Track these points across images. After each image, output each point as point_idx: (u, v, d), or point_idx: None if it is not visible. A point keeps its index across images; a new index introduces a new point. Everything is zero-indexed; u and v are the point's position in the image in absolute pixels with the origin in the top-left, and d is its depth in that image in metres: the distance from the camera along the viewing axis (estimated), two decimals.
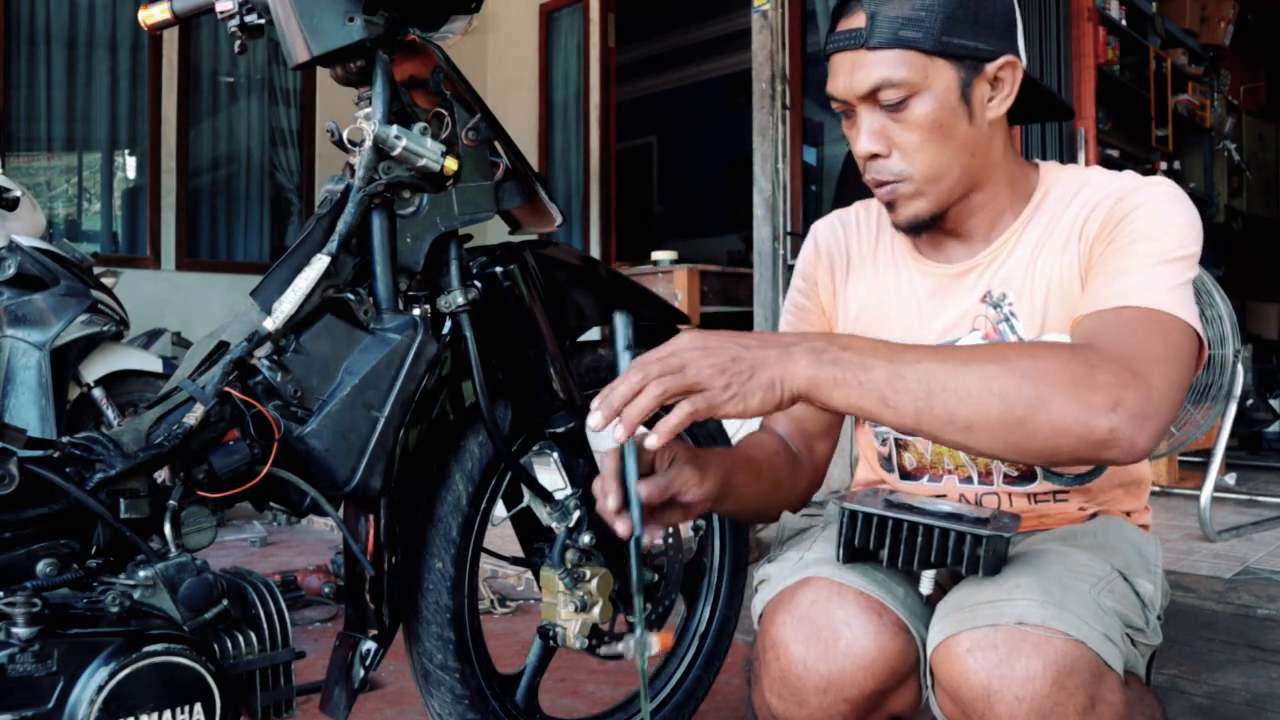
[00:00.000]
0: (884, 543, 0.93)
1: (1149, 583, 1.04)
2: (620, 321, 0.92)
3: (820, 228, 1.29)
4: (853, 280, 1.22)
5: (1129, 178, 1.07)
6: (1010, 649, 0.87)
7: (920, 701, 1.03)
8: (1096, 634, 0.89)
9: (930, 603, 0.99)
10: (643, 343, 0.93)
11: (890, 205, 1.10)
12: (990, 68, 1.04)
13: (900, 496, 0.97)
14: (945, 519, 0.91)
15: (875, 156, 1.06)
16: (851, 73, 1.04)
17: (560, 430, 1.27)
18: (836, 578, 0.98)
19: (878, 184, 1.09)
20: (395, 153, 1.09)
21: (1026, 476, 1.13)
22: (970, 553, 0.90)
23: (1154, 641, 1.03)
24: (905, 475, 1.19)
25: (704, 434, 1.53)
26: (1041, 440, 0.85)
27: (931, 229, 1.12)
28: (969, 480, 1.14)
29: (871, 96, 1.03)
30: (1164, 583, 1.11)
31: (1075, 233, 1.06)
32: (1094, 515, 1.15)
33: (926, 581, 0.98)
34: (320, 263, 1.05)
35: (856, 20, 1.03)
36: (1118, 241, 1.02)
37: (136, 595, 0.93)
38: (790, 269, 3.82)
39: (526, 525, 1.35)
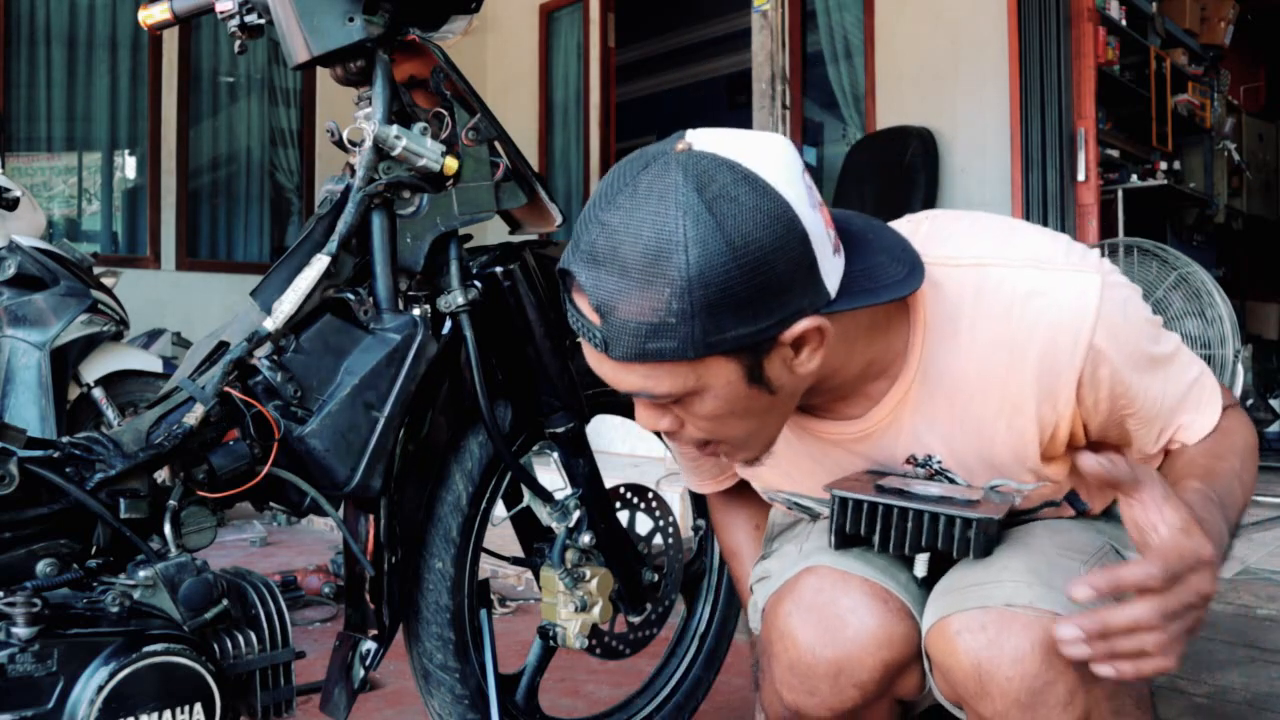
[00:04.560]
0: (875, 529, 0.93)
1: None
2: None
3: None
4: (782, 465, 1.07)
5: (1053, 301, 0.87)
6: (999, 630, 0.88)
7: (925, 685, 1.04)
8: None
9: (926, 584, 1.00)
10: None
11: (719, 456, 0.95)
12: (785, 337, 0.80)
13: (891, 481, 0.96)
14: (936, 503, 0.91)
15: (673, 434, 0.90)
16: (602, 370, 0.84)
17: (560, 430, 1.27)
18: (839, 566, 0.99)
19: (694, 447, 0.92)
20: (395, 153, 1.09)
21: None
22: (960, 536, 0.90)
23: None
24: None
25: None
26: None
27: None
28: None
29: (639, 395, 0.84)
30: None
31: (1027, 400, 0.90)
32: None
33: (920, 564, 0.98)
34: (320, 263, 1.05)
35: (585, 310, 0.80)
36: (1120, 413, 0.93)
37: (136, 595, 0.93)
38: None
39: (526, 525, 1.35)
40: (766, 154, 0.79)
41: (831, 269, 0.82)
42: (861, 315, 0.88)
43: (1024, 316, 0.88)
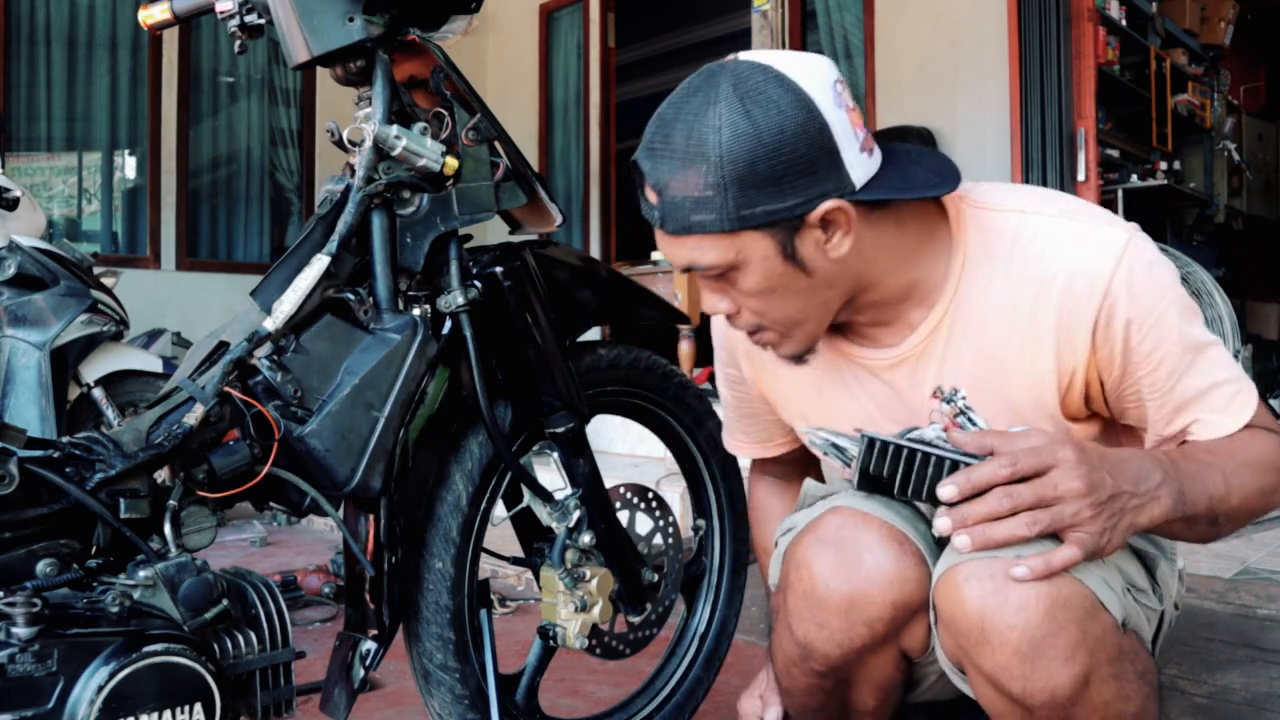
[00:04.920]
0: (898, 470, 0.95)
1: (1153, 548, 1.08)
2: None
3: (723, 323, 1.20)
4: (781, 372, 1.14)
5: (1081, 248, 0.95)
6: (1006, 578, 0.89)
7: (930, 643, 1.04)
8: (1094, 575, 0.93)
9: (943, 545, 1.01)
10: (645, 344, 0.93)
11: (765, 347, 1.04)
12: (812, 217, 0.90)
13: (921, 432, 0.98)
14: (959, 453, 0.93)
15: (730, 317, 1.01)
16: (662, 247, 0.98)
17: (560, 430, 1.27)
18: (862, 508, 1.02)
19: (746, 333, 1.04)
20: (395, 153, 1.09)
21: None
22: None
23: (1156, 605, 1.06)
24: None
25: (710, 444, 1.53)
26: (1224, 535, 0.98)
27: (834, 334, 1.07)
28: None
29: (690, 270, 0.97)
30: (1178, 586, 1.13)
31: (1047, 331, 0.97)
32: None
33: (940, 521, 0.97)
34: (320, 263, 1.05)
35: (648, 192, 0.95)
36: (1139, 370, 0.96)
37: (136, 595, 0.93)
38: None
39: (526, 525, 1.35)
40: (800, 62, 0.91)
41: (857, 163, 0.91)
42: (901, 230, 0.98)
43: (1054, 259, 0.96)
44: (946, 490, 0.88)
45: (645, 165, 0.94)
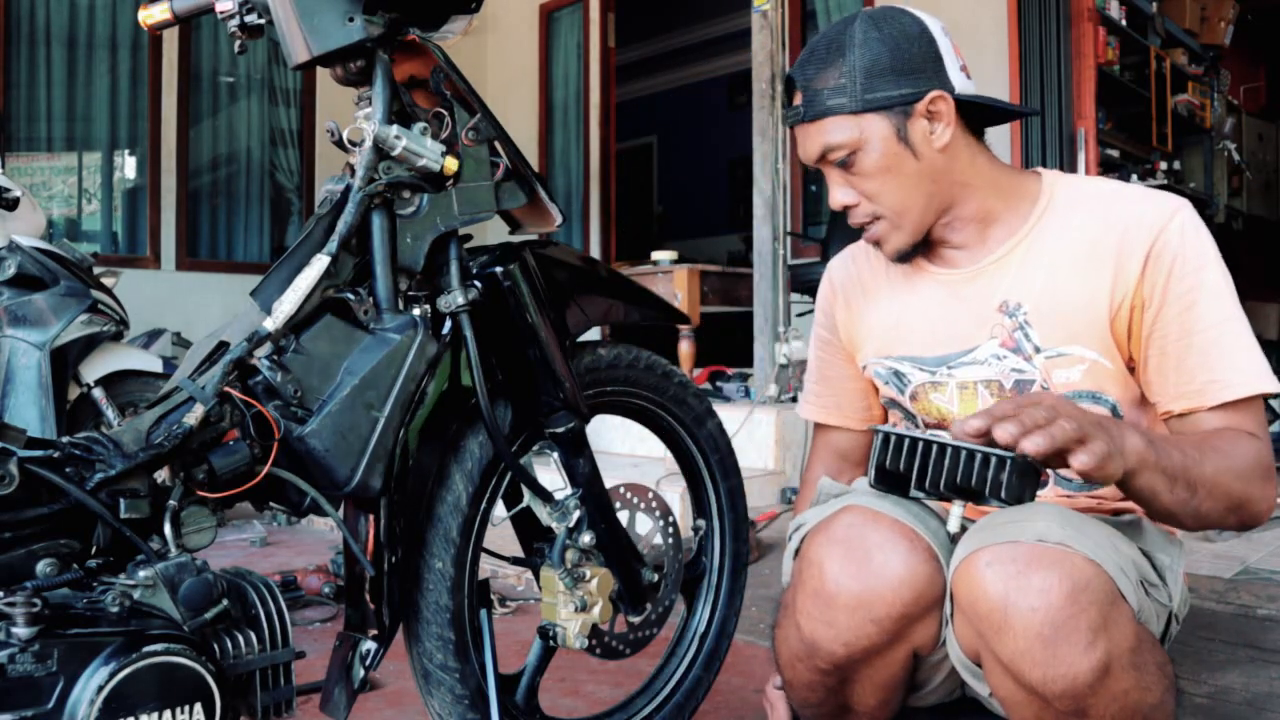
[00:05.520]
0: (913, 464, 0.95)
1: (1165, 555, 1.10)
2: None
3: (834, 265, 1.39)
4: (869, 305, 1.30)
5: (1148, 201, 1.12)
6: (1028, 563, 0.90)
7: (939, 640, 1.05)
8: (1112, 563, 0.94)
9: (957, 540, 1.02)
10: (645, 344, 0.93)
11: (876, 244, 1.22)
12: (920, 106, 1.12)
13: (938, 435, 0.99)
14: (976, 446, 0.94)
15: (848, 207, 1.19)
16: (803, 144, 1.18)
17: (560, 430, 1.27)
18: (874, 506, 1.04)
19: (860, 228, 1.21)
20: (395, 153, 1.09)
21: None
22: (994, 476, 0.92)
23: (1166, 602, 1.08)
24: None
25: (710, 444, 1.53)
26: (1229, 525, 1.02)
27: (924, 252, 1.23)
28: None
29: (825, 159, 1.16)
30: (1184, 590, 1.14)
31: (1108, 258, 1.10)
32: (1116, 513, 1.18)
33: (954, 519, 1.01)
34: (320, 263, 1.05)
35: (796, 98, 1.17)
36: (1176, 305, 1.07)
37: (136, 595, 0.93)
38: (790, 268, 3.81)
39: (526, 525, 1.35)
40: (918, 11, 1.16)
41: (957, 76, 1.14)
42: (995, 165, 1.19)
43: (1124, 206, 1.12)
44: (972, 424, 0.91)
45: (795, 75, 1.17)
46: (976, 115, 1.18)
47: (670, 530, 1.43)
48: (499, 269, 1.19)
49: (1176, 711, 0.98)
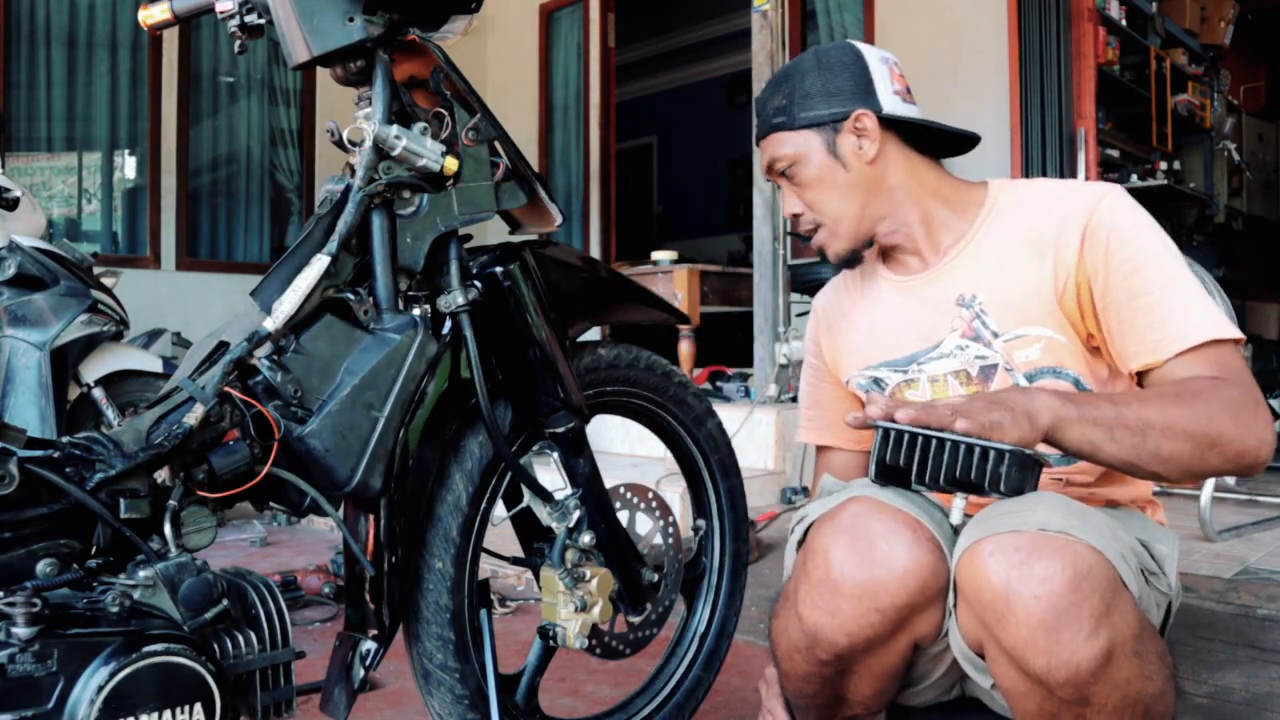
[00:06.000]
0: (913, 458, 0.97)
1: (1164, 545, 1.12)
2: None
3: (819, 297, 1.50)
4: (848, 326, 1.40)
5: (1082, 187, 1.21)
6: (1030, 551, 0.91)
7: (940, 631, 1.05)
8: (1114, 550, 0.95)
9: (959, 532, 1.04)
10: (645, 344, 0.93)
11: (821, 250, 1.32)
12: (846, 123, 1.24)
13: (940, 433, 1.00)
14: (974, 440, 0.95)
15: (795, 215, 1.31)
16: (759, 155, 1.35)
17: (560, 430, 1.27)
18: (878, 498, 1.06)
19: (805, 236, 1.33)
20: (395, 153, 1.09)
21: None
22: (993, 469, 0.94)
23: (1166, 590, 1.09)
24: None
25: (710, 444, 1.53)
26: (1213, 466, 1.01)
27: (885, 263, 1.34)
28: None
29: (774, 171, 1.30)
30: (1178, 584, 1.15)
31: (1049, 247, 1.18)
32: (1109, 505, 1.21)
33: (956, 512, 1.03)
34: (320, 263, 1.05)
35: (755, 122, 1.34)
36: (1118, 273, 1.12)
37: (136, 595, 0.93)
38: (790, 269, 3.81)
39: (526, 525, 1.35)
40: (874, 47, 1.30)
41: (888, 98, 1.25)
42: (939, 175, 1.30)
43: (1060, 196, 1.20)
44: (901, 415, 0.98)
45: (757, 100, 1.32)
46: (924, 136, 1.29)
47: (670, 530, 1.43)
48: (499, 269, 1.19)
49: (1176, 704, 0.98)
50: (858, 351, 1.37)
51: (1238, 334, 1.07)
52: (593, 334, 4.84)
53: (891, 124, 1.25)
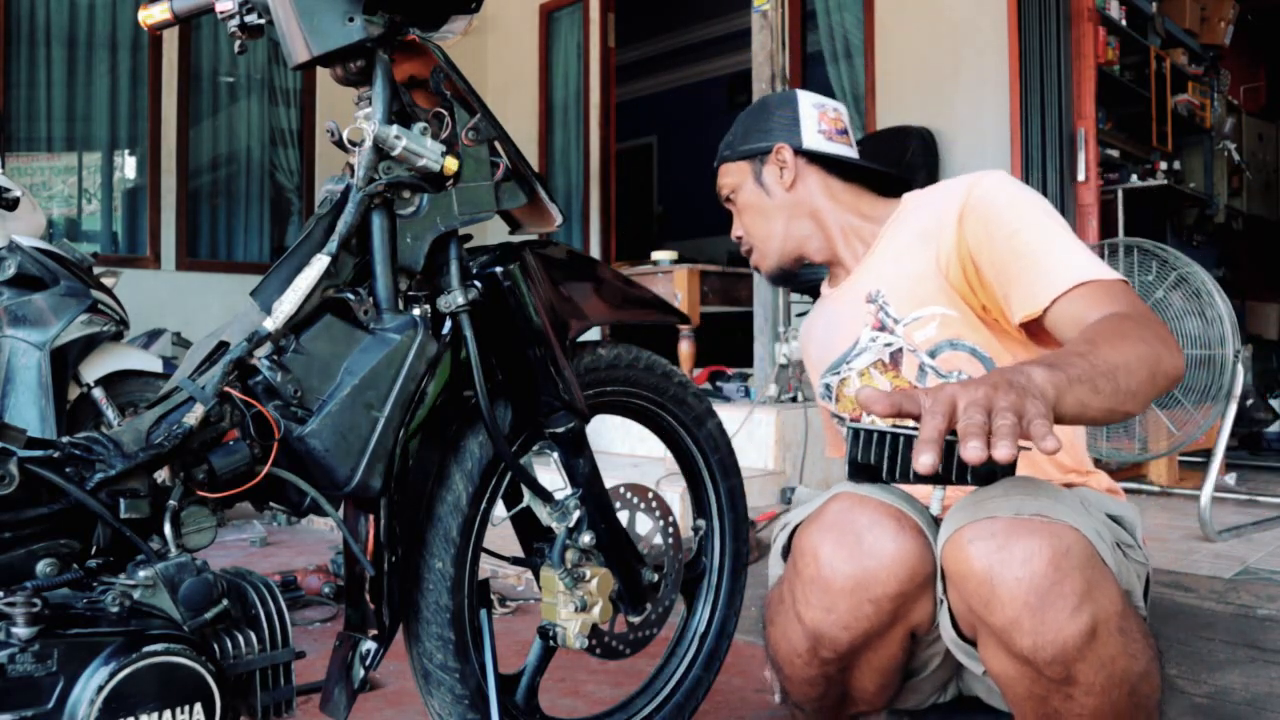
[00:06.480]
0: (884, 455, 0.97)
1: (1131, 515, 1.17)
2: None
3: (802, 327, 1.61)
4: (810, 341, 1.54)
5: (965, 176, 1.29)
6: (1009, 534, 0.93)
7: (934, 618, 1.06)
8: (1089, 528, 0.96)
9: (940, 522, 1.06)
10: (645, 344, 0.93)
11: (757, 269, 1.50)
12: (770, 156, 1.44)
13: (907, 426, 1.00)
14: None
15: (738, 238, 1.50)
16: (718, 183, 1.52)
17: (560, 430, 1.27)
18: (859, 492, 1.08)
19: (746, 255, 1.51)
20: (395, 153, 1.09)
21: None
22: (961, 460, 0.92)
23: (1143, 560, 1.13)
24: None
25: (710, 444, 1.53)
26: (1160, 388, 1.00)
27: (799, 276, 1.50)
28: None
29: (725, 199, 1.50)
30: (1145, 553, 1.20)
31: (932, 235, 1.27)
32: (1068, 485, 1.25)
33: (935, 503, 1.07)
34: (320, 263, 1.05)
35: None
36: (1001, 240, 1.18)
37: (136, 595, 0.93)
38: None
39: (526, 525, 1.35)
40: (814, 94, 1.49)
41: (812, 137, 1.44)
42: (859, 197, 1.44)
43: (946, 191, 1.29)
44: (878, 406, 0.92)
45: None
46: (851, 171, 1.44)
47: (670, 530, 1.43)
48: (499, 269, 1.19)
49: (1162, 685, 0.99)
50: (816, 364, 1.49)
51: (1119, 277, 1.11)
52: (593, 334, 4.84)
53: (815, 158, 1.42)
